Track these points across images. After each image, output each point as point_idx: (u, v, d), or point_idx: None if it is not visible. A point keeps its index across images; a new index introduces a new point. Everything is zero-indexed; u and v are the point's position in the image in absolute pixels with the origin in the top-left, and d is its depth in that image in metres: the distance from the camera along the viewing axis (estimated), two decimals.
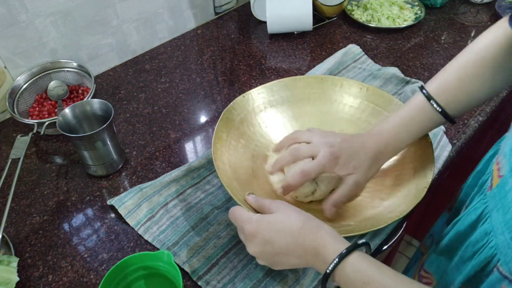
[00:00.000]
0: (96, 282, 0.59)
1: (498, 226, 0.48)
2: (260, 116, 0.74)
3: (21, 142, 0.71)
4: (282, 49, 1.02)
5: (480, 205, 0.53)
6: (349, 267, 0.43)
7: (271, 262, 0.51)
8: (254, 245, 0.50)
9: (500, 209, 0.48)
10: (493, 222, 0.49)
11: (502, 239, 0.47)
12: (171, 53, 1.01)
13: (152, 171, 0.74)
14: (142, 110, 0.86)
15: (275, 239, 0.48)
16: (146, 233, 0.64)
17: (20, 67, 0.83)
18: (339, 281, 0.45)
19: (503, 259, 0.46)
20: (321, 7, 1.06)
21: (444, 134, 0.77)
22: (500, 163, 0.50)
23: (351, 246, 0.44)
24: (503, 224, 0.47)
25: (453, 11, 1.14)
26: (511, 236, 0.45)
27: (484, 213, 0.52)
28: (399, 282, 0.41)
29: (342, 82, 0.76)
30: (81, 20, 0.87)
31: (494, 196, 0.50)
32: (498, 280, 0.47)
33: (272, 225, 0.49)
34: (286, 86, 0.76)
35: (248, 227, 0.50)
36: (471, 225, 0.54)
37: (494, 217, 0.49)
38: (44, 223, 0.67)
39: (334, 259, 0.44)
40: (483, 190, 0.55)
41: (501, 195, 0.48)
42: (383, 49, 1.01)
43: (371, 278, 0.42)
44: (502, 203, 0.47)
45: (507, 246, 0.46)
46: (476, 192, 0.60)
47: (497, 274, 0.47)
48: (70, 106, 0.70)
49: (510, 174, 0.46)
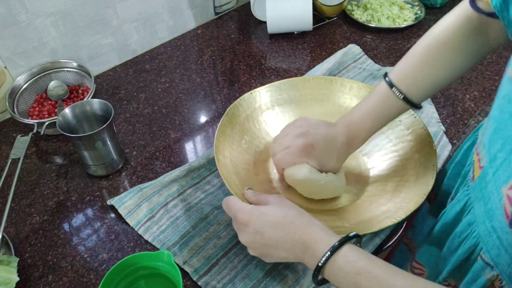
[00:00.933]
0: (96, 282, 0.59)
1: (480, 216, 0.49)
2: (267, 113, 0.75)
3: (21, 142, 0.71)
4: (282, 49, 1.02)
5: (463, 196, 0.54)
6: (340, 259, 0.44)
7: (261, 253, 0.51)
8: (245, 235, 0.51)
9: (481, 199, 0.49)
10: (476, 212, 0.50)
11: (484, 228, 0.48)
12: (171, 53, 1.01)
13: (152, 171, 0.74)
14: (142, 110, 0.86)
15: (265, 230, 0.49)
16: (146, 233, 0.64)
17: (20, 67, 0.83)
18: (330, 274, 0.45)
19: (485, 248, 0.48)
20: (321, 7, 1.06)
21: (444, 134, 0.77)
22: (480, 154, 0.50)
23: (342, 238, 0.45)
24: (484, 214, 0.48)
25: None
26: (492, 225, 0.46)
27: (467, 204, 0.53)
28: (390, 272, 0.42)
29: (352, 85, 0.76)
30: (81, 20, 0.87)
31: (476, 187, 0.51)
32: (482, 268, 0.49)
33: (264, 216, 0.50)
34: (294, 85, 0.76)
35: (241, 216, 0.51)
36: (456, 217, 0.55)
37: (476, 208, 0.50)
38: (44, 223, 0.67)
39: (326, 252, 0.44)
40: (466, 182, 0.55)
41: (481, 186, 0.49)
42: (383, 49, 1.01)
43: (363, 269, 0.42)
44: (483, 194, 0.48)
45: (488, 235, 0.47)
46: (459, 183, 0.60)
47: (480, 262, 0.49)
48: (70, 106, 0.70)
49: (489, 165, 0.47)
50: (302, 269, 0.59)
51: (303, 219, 0.48)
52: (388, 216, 0.58)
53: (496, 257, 0.46)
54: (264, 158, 0.71)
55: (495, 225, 0.46)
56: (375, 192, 0.65)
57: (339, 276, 0.44)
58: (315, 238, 0.46)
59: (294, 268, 0.59)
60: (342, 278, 0.43)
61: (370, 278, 0.41)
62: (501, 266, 0.46)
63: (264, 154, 0.71)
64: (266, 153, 0.71)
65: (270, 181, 0.68)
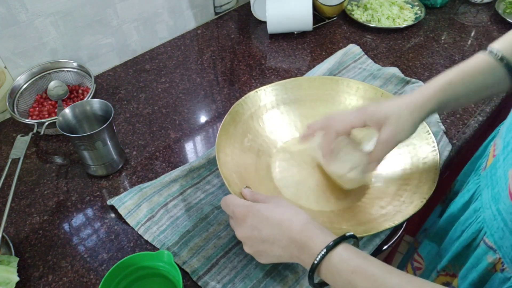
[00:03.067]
0: (96, 282, 0.59)
1: (487, 201, 0.49)
2: (271, 112, 0.74)
3: (21, 142, 0.71)
4: (282, 49, 1.02)
5: (473, 185, 0.54)
6: (336, 257, 0.44)
7: (257, 250, 0.51)
8: (242, 229, 0.51)
9: (489, 185, 0.49)
10: (483, 199, 0.50)
11: (489, 213, 0.48)
12: (171, 53, 1.01)
13: (152, 171, 0.74)
14: (142, 110, 0.86)
15: (263, 226, 0.49)
16: (146, 233, 0.64)
17: (20, 67, 0.83)
18: (326, 273, 0.45)
19: (489, 231, 0.48)
20: (321, 7, 1.06)
21: (444, 134, 0.77)
22: (496, 144, 0.51)
23: (338, 238, 0.45)
24: (491, 198, 0.48)
25: (453, 11, 1.14)
26: (497, 208, 0.47)
27: (476, 192, 0.53)
28: (386, 270, 0.42)
29: (358, 86, 0.75)
30: (81, 20, 0.87)
31: (486, 175, 0.51)
32: (484, 252, 0.49)
33: (262, 212, 0.50)
34: (300, 85, 0.76)
35: (239, 210, 0.51)
36: (463, 206, 0.55)
37: (484, 194, 0.50)
38: (44, 223, 0.67)
39: (322, 250, 0.44)
40: (478, 171, 0.55)
41: (492, 173, 0.49)
42: (383, 49, 1.01)
43: (359, 267, 0.42)
44: (492, 180, 0.49)
45: (493, 218, 0.47)
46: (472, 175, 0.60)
47: (483, 247, 0.49)
48: (70, 106, 0.70)
49: (502, 152, 0.47)
50: (302, 269, 0.59)
51: (301, 217, 0.48)
52: (387, 219, 0.58)
53: (500, 239, 0.47)
54: (266, 157, 0.70)
55: (500, 207, 0.46)
56: (376, 195, 0.65)
57: (335, 274, 0.44)
58: (311, 236, 0.46)
59: (294, 268, 0.59)
60: (338, 276, 0.43)
61: (366, 276, 0.41)
62: (504, 248, 0.46)
63: (266, 154, 0.71)
64: (269, 152, 0.71)
65: (271, 180, 0.68)
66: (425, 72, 0.93)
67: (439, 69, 0.93)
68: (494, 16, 1.10)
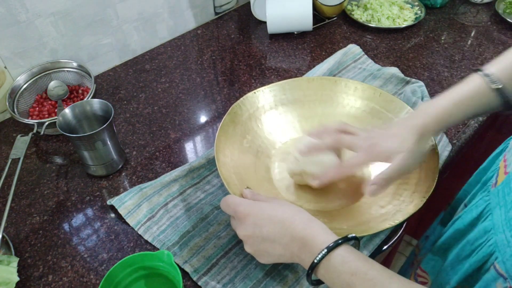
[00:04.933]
0: (96, 282, 0.59)
1: (499, 224, 0.47)
2: (270, 113, 0.74)
3: (21, 142, 0.71)
4: (282, 49, 1.02)
5: (482, 202, 0.52)
6: (336, 258, 0.43)
7: (258, 249, 0.51)
8: (244, 227, 0.51)
9: (502, 206, 0.47)
10: (495, 219, 0.49)
11: (502, 238, 0.46)
12: (171, 53, 1.01)
13: (152, 171, 0.74)
14: (142, 110, 0.86)
15: (264, 223, 0.49)
16: (146, 233, 0.64)
17: (20, 67, 0.83)
18: (325, 273, 0.44)
19: (500, 257, 0.46)
20: (321, 7, 1.06)
21: (444, 134, 0.77)
22: (507, 160, 0.49)
23: (340, 239, 0.45)
24: (504, 222, 0.46)
25: (453, 11, 1.14)
26: (511, 234, 0.45)
27: (485, 210, 0.51)
28: (386, 275, 0.41)
29: (357, 86, 0.75)
30: (81, 20, 0.87)
31: (498, 193, 0.49)
32: (494, 278, 0.47)
33: (264, 210, 0.50)
34: (298, 85, 0.76)
35: (241, 209, 0.51)
36: (471, 223, 0.54)
37: (495, 215, 0.49)
38: (44, 223, 0.67)
39: (323, 249, 0.44)
40: (487, 187, 0.54)
41: (505, 192, 0.47)
42: (383, 49, 1.01)
43: (359, 270, 0.42)
44: (505, 200, 0.47)
45: (506, 245, 0.45)
46: (478, 189, 0.59)
47: (493, 272, 0.47)
48: (70, 106, 0.70)
49: None
50: (302, 269, 0.59)
51: (302, 216, 0.48)
52: (387, 218, 0.58)
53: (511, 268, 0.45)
54: (265, 158, 0.70)
55: None
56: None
57: (334, 275, 0.43)
58: (313, 235, 0.46)
59: (294, 268, 0.59)
60: (337, 277, 0.43)
61: (365, 279, 0.41)
62: None
63: (265, 155, 0.71)
64: (268, 153, 0.71)
65: (270, 181, 0.68)
66: (425, 72, 0.93)
67: (439, 69, 0.93)
68: (494, 16, 1.10)
